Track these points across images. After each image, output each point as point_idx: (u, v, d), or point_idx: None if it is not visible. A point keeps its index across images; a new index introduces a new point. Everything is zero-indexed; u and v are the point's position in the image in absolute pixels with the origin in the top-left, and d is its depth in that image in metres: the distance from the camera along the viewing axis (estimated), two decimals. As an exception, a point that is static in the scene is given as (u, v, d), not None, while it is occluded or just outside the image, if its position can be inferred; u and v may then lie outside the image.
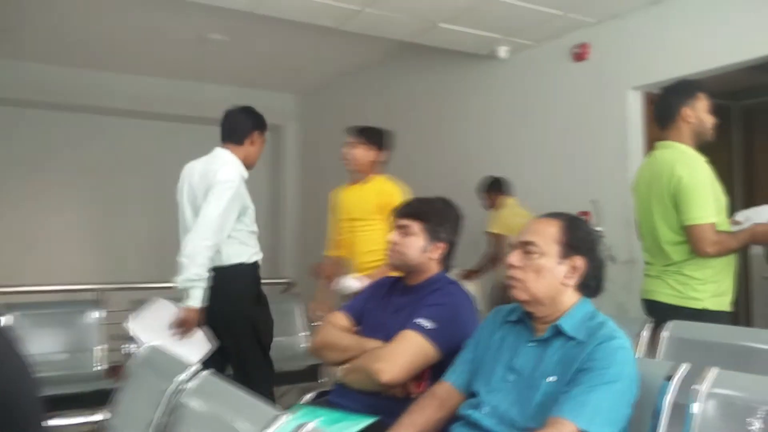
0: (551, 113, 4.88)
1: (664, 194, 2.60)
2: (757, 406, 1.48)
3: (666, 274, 2.66)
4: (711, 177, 2.60)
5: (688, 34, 4.03)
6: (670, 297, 2.62)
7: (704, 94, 2.67)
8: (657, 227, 2.67)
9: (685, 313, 2.49)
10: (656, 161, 2.71)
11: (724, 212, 2.67)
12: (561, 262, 1.71)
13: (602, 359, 1.58)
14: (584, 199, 4.49)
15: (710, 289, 2.57)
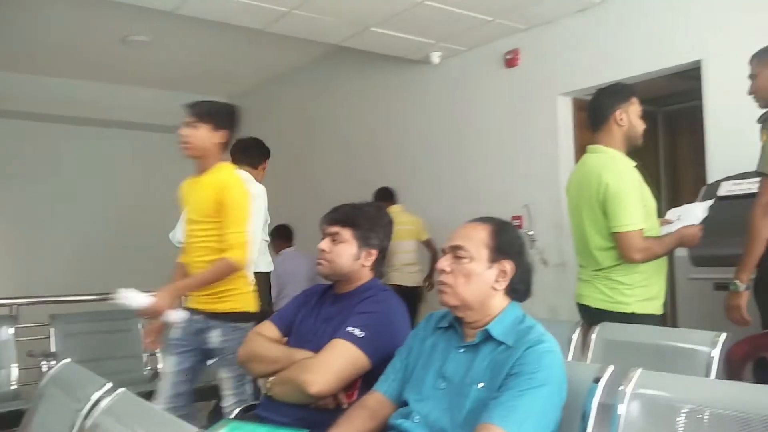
0: (484, 118, 4.93)
1: (593, 200, 2.60)
2: (680, 405, 1.50)
3: (596, 279, 2.67)
4: (638, 182, 2.63)
5: (615, 41, 4.14)
6: (600, 302, 2.63)
7: (637, 99, 2.70)
8: (587, 232, 2.68)
9: (614, 318, 2.52)
10: (585, 166, 2.72)
11: (654, 216, 2.70)
12: (490, 266, 1.70)
13: (530, 364, 1.57)
14: (517, 203, 4.55)
15: (639, 294, 2.59)
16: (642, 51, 4.00)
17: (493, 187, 4.82)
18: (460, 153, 5.11)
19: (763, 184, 2.43)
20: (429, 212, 5.24)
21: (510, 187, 4.70)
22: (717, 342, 1.99)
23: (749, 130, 2.88)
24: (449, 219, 4.19)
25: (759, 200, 2.42)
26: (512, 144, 4.74)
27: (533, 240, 4.47)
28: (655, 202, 2.73)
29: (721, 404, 1.45)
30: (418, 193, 5.40)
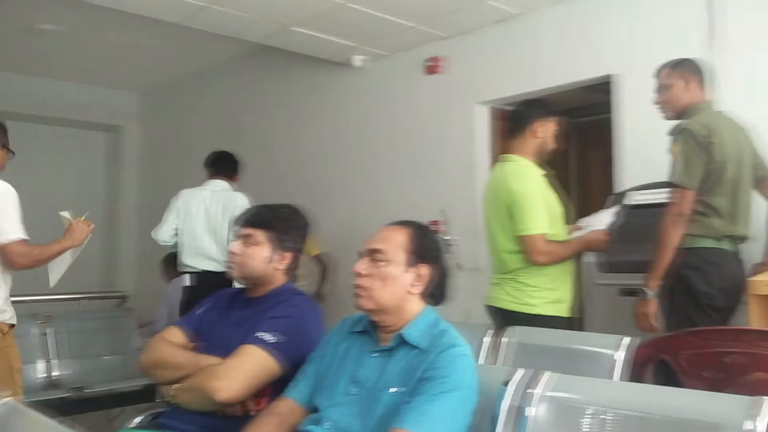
0: (405, 123, 4.96)
1: (502, 206, 2.73)
2: (586, 406, 1.53)
3: (504, 281, 2.80)
4: (544, 189, 2.75)
5: (531, 53, 4.26)
6: (507, 303, 2.75)
7: (557, 120, 2.84)
8: (496, 236, 2.80)
9: (521, 318, 2.60)
10: (497, 174, 2.86)
11: (561, 222, 2.83)
12: (408, 270, 1.69)
13: (443, 368, 1.57)
14: (435, 208, 4.59)
15: (545, 296, 2.70)
16: (557, 63, 4.12)
17: (411, 192, 4.85)
18: (381, 157, 5.12)
19: (674, 194, 2.53)
20: (347, 216, 5.21)
21: (428, 193, 4.74)
22: (621, 345, 2.06)
23: (656, 143, 3.02)
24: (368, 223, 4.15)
25: (670, 210, 2.52)
26: (431, 150, 4.78)
27: (450, 245, 4.53)
28: (562, 209, 2.84)
29: (623, 405, 1.49)
30: (337, 196, 5.36)
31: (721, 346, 1.79)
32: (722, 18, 3.43)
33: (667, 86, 2.65)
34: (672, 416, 1.39)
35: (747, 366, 1.75)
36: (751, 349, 1.74)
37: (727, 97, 3.15)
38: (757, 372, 1.73)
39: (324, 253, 4.79)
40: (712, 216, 2.52)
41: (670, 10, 3.63)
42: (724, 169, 2.51)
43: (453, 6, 4.11)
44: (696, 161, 2.48)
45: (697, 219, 2.52)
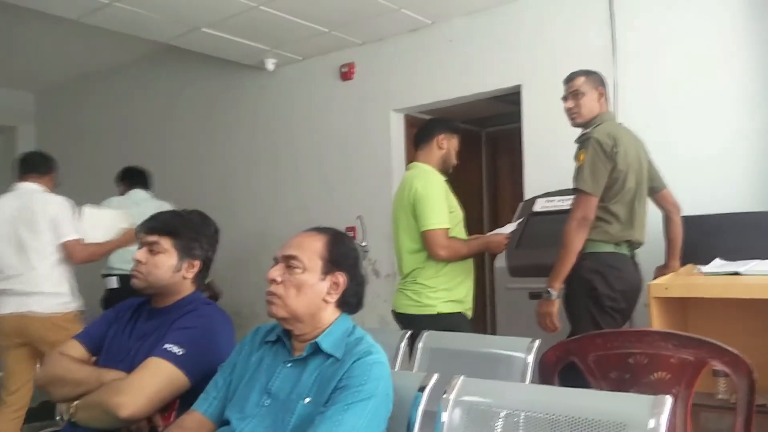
0: (320, 129, 4.93)
1: (406, 206, 2.84)
2: (498, 410, 1.55)
3: (405, 286, 2.89)
4: (446, 190, 2.88)
5: (444, 63, 4.33)
6: (408, 307, 2.84)
7: (459, 138, 3.02)
8: (401, 238, 2.90)
9: (423, 320, 2.67)
10: (404, 178, 2.98)
11: (461, 225, 2.96)
12: (323, 278, 1.66)
13: (358, 376, 1.55)
14: (351, 214, 4.58)
15: (443, 296, 2.81)
16: (468, 73, 4.22)
17: (328, 198, 4.82)
18: (295, 162, 5.06)
19: (579, 200, 2.62)
20: (262, 222, 5.12)
21: (344, 199, 4.73)
22: (532, 348, 2.10)
23: (561, 152, 3.14)
24: (283, 229, 4.11)
25: (574, 215, 2.61)
26: (347, 156, 4.78)
27: (366, 251, 4.53)
28: (463, 213, 2.98)
29: (533, 407, 1.51)
30: (252, 202, 5.26)
31: (626, 348, 1.86)
32: (623, 33, 3.62)
33: (582, 93, 2.74)
34: (580, 417, 1.42)
35: (649, 366, 1.82)
36: (652, 350, 1.81)
37: (626, 109, 3.32)
38: (659, 371, 1.81)
39: (213, 281, 4.37)
40: (612, 222, 2.63)
41: (575, 24, 3.79)
42: (625, 178, 2.63)
43: (367, 13, 4.12)
44: (601, 169, 2.59)
45: (598, 225, 2.62)
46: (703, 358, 1.79)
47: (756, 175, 3.20)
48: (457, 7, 4.13)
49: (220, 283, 4.48)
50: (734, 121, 3.29)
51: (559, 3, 3.87)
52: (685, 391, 1.80)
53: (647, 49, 3.55)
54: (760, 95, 3.20)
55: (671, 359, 1.81)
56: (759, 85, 3.21)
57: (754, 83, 3.22)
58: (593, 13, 3.72)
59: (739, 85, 3.28)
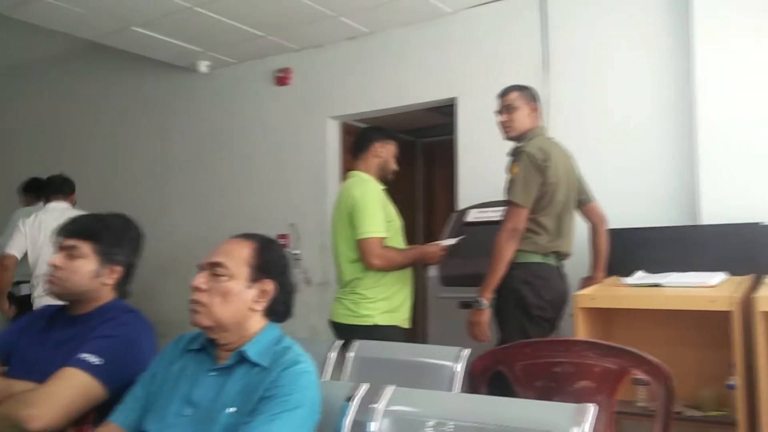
0: (254, 134, 4.86)
1: (344, 214, 2.82)
2: (427, 419, 1.54)
3: (343, 295, 2.87)
4: (383, 199, 2.87)
5: (381, 72, 4.35)
6: (346, 317, 2.81)
7: (396, 145, 3.00)
8: (339, 247, 2.88)
9: (359, 331, 2.64)
10: (342, 188, 2.97)
11: (400, 234, 2.95)
12: (250, 285, 1.62)
13: (286, 386, 1.52)
14: (284, 222, 4.53)
15: (381, 307, 2.79)
16: (405, 84, 4.25)
17: (260, 205, 4.75)
18: (228, 167, 4.97)
19: (510, 212, 2.67)
20: (191, 228, 4.99)
21: (277, 206, 4.67)
22: (461, 357, 2.11)
23: (494, 164, 3.19)
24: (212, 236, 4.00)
25: (505, 226, 2.65)
26: (281, 162, 4.72)
27: (298, 259, 4.49)
28: (401, 222, 2.97)
29: (462, 416, 1.52)
30: (179, 208, 5.12)
31: (552, 357, 1.89)
32: (556, 50, 3.72)
33: (515, 108, 2.80)
34: (507, 425, 1.44)
35: (574, 375, 1.86)
36: (577, 359, 1.85)
37: (557, 124, 3.41)
38: (583, 380, 1.85)
39: None
40: (541, 233, 2.69)
41: (509, 40, 3.88)
42: (555, 191, 2.70)
43: (304, 19, 4.09)
44: (532, 182, 2.64)
45: (528, 236, 2.68)
46: (626, 366, 1.83)
47: (677, 191, 3.34)
48: (394, 18, 4.15)
49: (145, 291, 4.33)
50: (659, 139, 3.42)
51: (493, 19, 3.95)
52: (607, 400, 1.84)
53: (578, 66, 3.66)
54: (683, 114, 3.34)
55: (595, 368, 1.85)
56: (682, 105, 3.35)
57: (677, 103, 3.37)
58: (527, 30, 3.81)
59: (663, 105, 3.42)
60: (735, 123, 3.14)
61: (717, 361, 2.52)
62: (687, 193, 3.29)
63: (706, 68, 3.22)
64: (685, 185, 3.30)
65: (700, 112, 3.23)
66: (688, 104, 3.29)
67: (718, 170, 3.17)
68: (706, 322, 2.48)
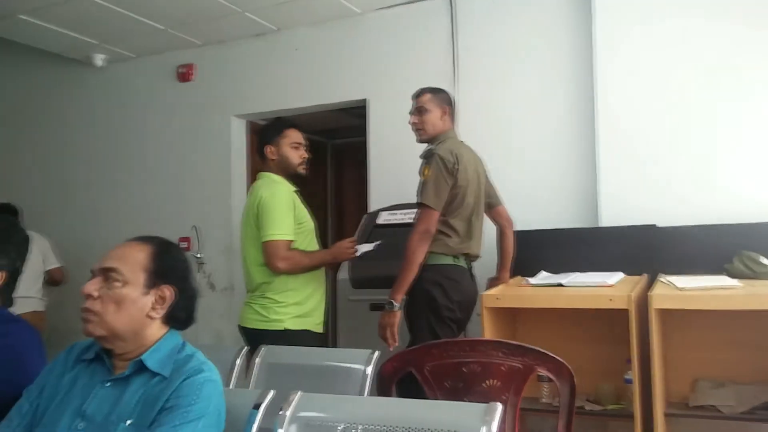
0: (155, 132, 4.68)
1: (251, 216, 2.74)
2: (336, 424, 1.53)
3: (253, 300, 2.77)
4: (293, 201, 2.79)
5: (290, 71, 4.28)
6: (256, 322, 2.72)
7: (292, 131, 2.88)
8: (247, 250, 2.79)
9: (270, 336, 2.59)
10: (251, 190, 2.89)
11: (313, 236, 2.89)
12: (147, 292, 1.54)
13: (188, 395, 1.45)
14: (187, 224, 4.38)
15: (291, 311, 2.73)
16: (314, 84, 4.20)
17: (161, 207, 4.57)
18: (126, 167, 4.75)
19: (422, 214, 2.68)
20: (84, 232, 4.73)
21: (180, 208, 4.52)
22: (371, 360, 2.10)
23: (405, 166, 3.20)
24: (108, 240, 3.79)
25: (417, 228, 2.66)
26: (184, 162, 4.57)
27: (202, 263, 4.35)
28: (315, 224, 2.91)
29: (370, 420, 1.51)
30: (72, 209, 4.84)
31: (460, 357, 1.91)
32: (465, 55, 3.78)
33: (427, 110, 2.82)
34: (415, 427, 1.43)
35: (482, 374, 1.88)
36: (485, 359, 1.88)
37: (466, 128, 3.47)
38: (490, 379, 1.88)
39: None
40: (451, 236, 2.73)
41: (419, 42, 3.92)
42: (465, 194, 2.74)
43: (208, 13, 3.97)
44: (443, 185, 2.67)
45: (439, 238, 2.70)
46: (530, 365, 1.88)
47: (579, 195, 3.47)
48: (303, 17, 4.10)
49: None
50: (563, 143, 3.54)
51: (403, 21, 3.97)
52: (514, 397, 1.88)
53: (486, 70, 3.74)
54: (586, 119, 3.47)
55: (502, 367, 1.88)
56: (584, 111, 3.48)
57: (580, 109, 3.50)
58: (436, 33, 3.86)
59: (567, 110, 3.54)
60: (633, 129, 3.29)
61: (615, 357, 2.64)
62: (589, 196, 3.43)
63: (606, 75, 3.36)
64: (587, 189, 3.43)
65: (600, 117, 3.37)
66: (590, 110, 3.43)
67: (617, 174, 3.31)
68: (605, 320, 2.58)
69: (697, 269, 2.76)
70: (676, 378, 2.69)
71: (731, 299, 2.33)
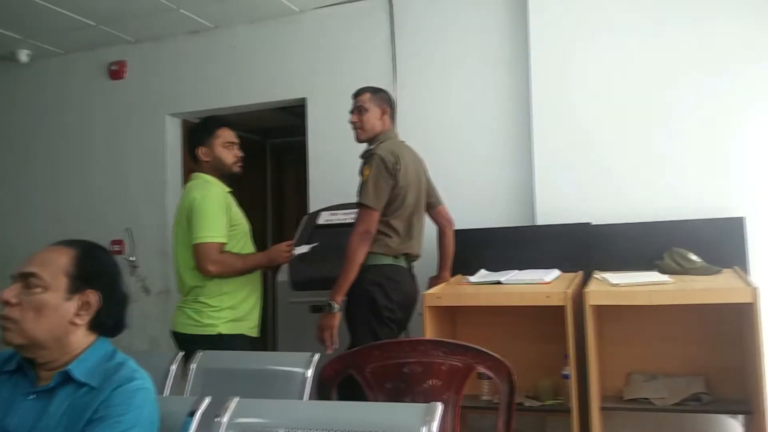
0: (85, 132, 4.55)
1: (183, 218, 2.68)
2: (274, 429, 1.50)
3: (185, 304, 2.71)
4: (227, 203, 2.73)
5: (226, 69, 4.20)
6: (188, 326, 2.66)
7: (224, 130, 2.80)
8: (179, 253, 2.72)
9: (202, 341, 2.52)
10: (184, 191, 2.82)
11: (248, 238, 2.84)
12: (70, 298, 1.47)
13: (118, 405, 1.40)
14: (119, 227, 4.25)
15: (225, 315, 2.66)
16: (252, 83, 4.14)
17: (91, 209, 4.43)
18: (55, 167, 4.57)
19: (362, 214, 2.66)
20: (7, 236, 4.52)
21: (112, 209, 4.38)
22: (312, 363, 2.07)
23: (345, 166, 3.18)
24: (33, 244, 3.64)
25: (357, 228, 2.64)
26: (116, 163, 4.44)
27: (135, 266, 4.22)
28: (249, 225, 2.87)
29: (310, 424, 1.49)
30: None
31: (401, 358, 1.90)
32: (402, 54, 3.79)
33: (366, 110, 2.81)
34: (355, 430, 1.42)
35: (423, 374, 1.88)
36: (425, 359, 1.88)
37: (406, 128, 3.47)
38: (431, 379, 1.88)
39: None
40: (392, 236, 2.72)
41: (358, 42, 3.91)
42: (406, 194, 2.74)
43: (141, 9, 3.87)
44: (383, 185, 2.66)
45: (379, 238, 2.69)
46: (470, 363, 1.89)
47: (517, 194, 3.52)
48: (240, 14, 4.03)
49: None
50: (500, 143, 3.58)
51: (342, 20, 3.95)
52: (454, 396, 1.89)
53: (425, 70, 3.75)
54: (522, 119, 3.52)
55: (442, 366, 1.89)
56: (521, 111, 3.53)
57: (517, 109, 3.55)
58: (375, 33, 3.85)
59: (504, 110, 3.58)
60: (568, 128, 3.36)
61: (553, 353, 2.69)
62: (526, 195, 3.48)
63: (541, 74, 3.42)
64: (525, 188, 3.49)
65: (535, 117, 3.43)
66: (527, 110, 3.48)
67: (552, 173, 3.37)
68: (543, 317, 2.63)
69: (630, 266, 2.85)
70: (611, 372, 2.77)
71: (662, 295, 2.41)
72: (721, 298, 2.37)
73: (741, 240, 2.90)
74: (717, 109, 3.12)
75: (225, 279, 2.65)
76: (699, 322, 2.69)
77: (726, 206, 3.03)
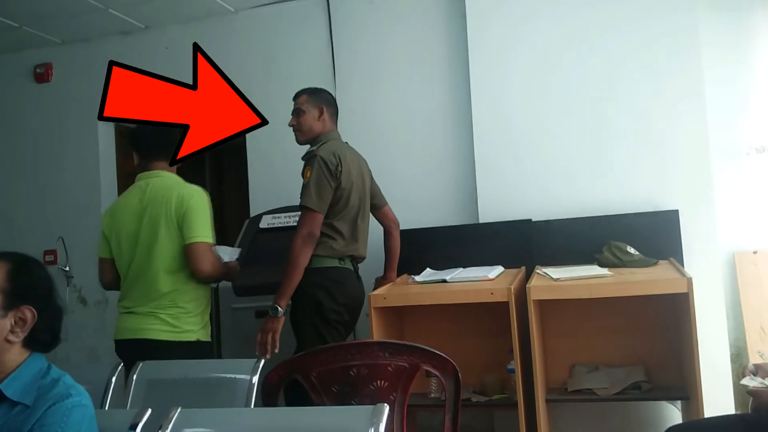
0: (11, 137, 4.39)
1: (170, 217, 2.52)
2: None
3: (159, 309, 2.53)
4: None
5: (161, 71, 4.01)
6: (164, 333, 2.50)
7: None
8: (156, 255, 2.53)
9: (179, 348, 2.45)
10: (149, 189, 2.59)
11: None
12: (4, 314, 1.40)
13: (54, 423, 1.35)
14: (51, 236, 4.09)
15: (200, 321, 2.59)
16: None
17: (20, 218, 4.25)
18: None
19: (304, 217, 2.63)
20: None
21: (44, 218, 4.22)
22: (257, 369, 2.03)
23: (287, 168, 3.14)
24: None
25: (300, 231, 2.60)
26: (45, 169, 4.29)
27: (70, 277, 4.06)
28: None
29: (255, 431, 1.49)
30: None
31: (348, 360, 1.90)
32: (341, 54, 3.77)
33: (303, 112, 2.78)
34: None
35: (369, 376, 1.88)
36: (372, 360, 1.88)
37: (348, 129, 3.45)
38: (378, 380, 1.88)
39: None
40: (336, 238, 2.70)
41: (296, 41, 3.88)
42: (349, 195, 2.72)
43: (67, 10, 3.74)
44: (326, 187, 2.63)
45: (324, 241, 2.67)
46: (416, 363, 1.89)
47: (460, 193, 3.56)
48: (172, 14, 3.94)
49: None
50: (442, 143, 3.61)
51: (279, 20, 3.91)
52: (401, 396, 1.89)
53: (364, 71, 3.75)
54: (463, 119, 3.55)
55: (389, 367, 1.89)
56: (461, 111, 3.57)
57: (457, 109, 3.58)
58: (313, 33, 3.83)
59: (445, 111, 3.62)
60: (507, 127, 3.41)
61: (499, 349, 2.73)
62: (468, 193, 3.52)
63: (480, 74, 3.47)
64: (467, 187, 3.52)
65: (475, 116, 3.47)
66: (467, 109, 3.52)
67: (492, 172, 3.42)
68: (488, 313, 2.66)
69: (571, 260, 2.91)
70: (555, 365, 2.82)
71: (602, 288, 2.47)
72: (657, 289, 2.44)
73: (676, 232, 3.01)
74: (650, 106, 3.22)
75: (200, 284, 2.58)
76: (637, 313, 2.77)
77: (661, 200, 3.13)
